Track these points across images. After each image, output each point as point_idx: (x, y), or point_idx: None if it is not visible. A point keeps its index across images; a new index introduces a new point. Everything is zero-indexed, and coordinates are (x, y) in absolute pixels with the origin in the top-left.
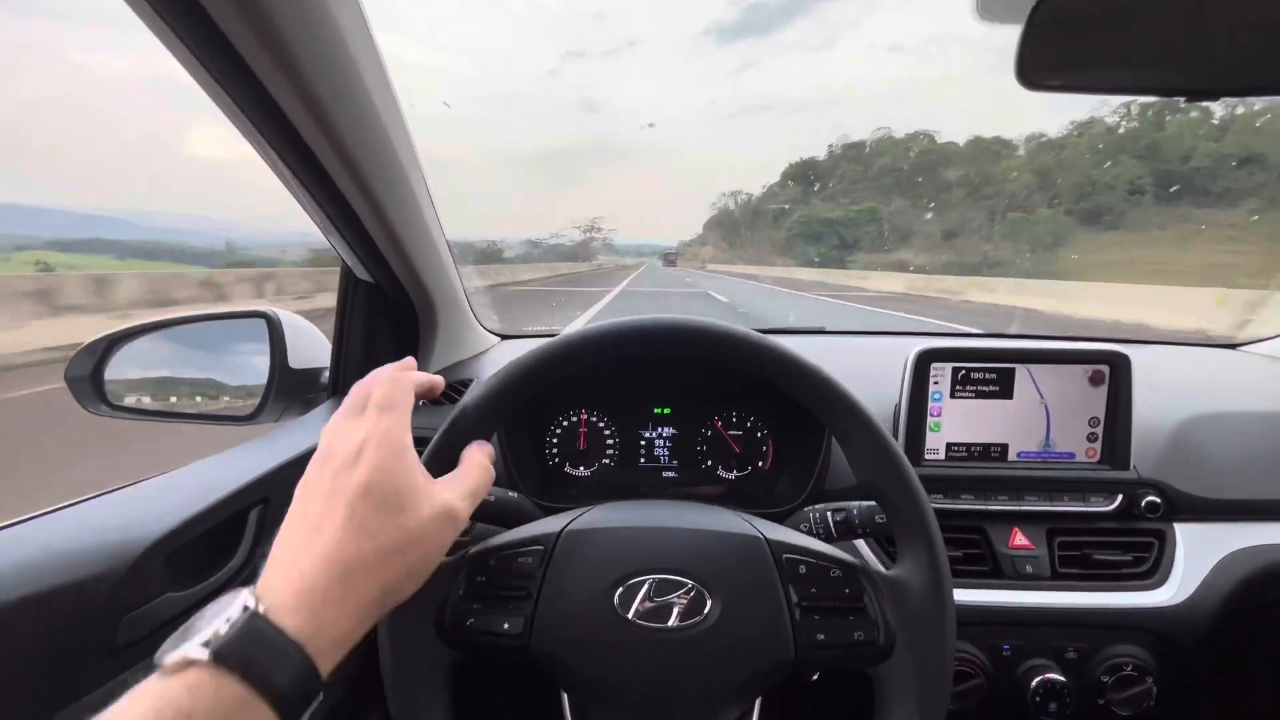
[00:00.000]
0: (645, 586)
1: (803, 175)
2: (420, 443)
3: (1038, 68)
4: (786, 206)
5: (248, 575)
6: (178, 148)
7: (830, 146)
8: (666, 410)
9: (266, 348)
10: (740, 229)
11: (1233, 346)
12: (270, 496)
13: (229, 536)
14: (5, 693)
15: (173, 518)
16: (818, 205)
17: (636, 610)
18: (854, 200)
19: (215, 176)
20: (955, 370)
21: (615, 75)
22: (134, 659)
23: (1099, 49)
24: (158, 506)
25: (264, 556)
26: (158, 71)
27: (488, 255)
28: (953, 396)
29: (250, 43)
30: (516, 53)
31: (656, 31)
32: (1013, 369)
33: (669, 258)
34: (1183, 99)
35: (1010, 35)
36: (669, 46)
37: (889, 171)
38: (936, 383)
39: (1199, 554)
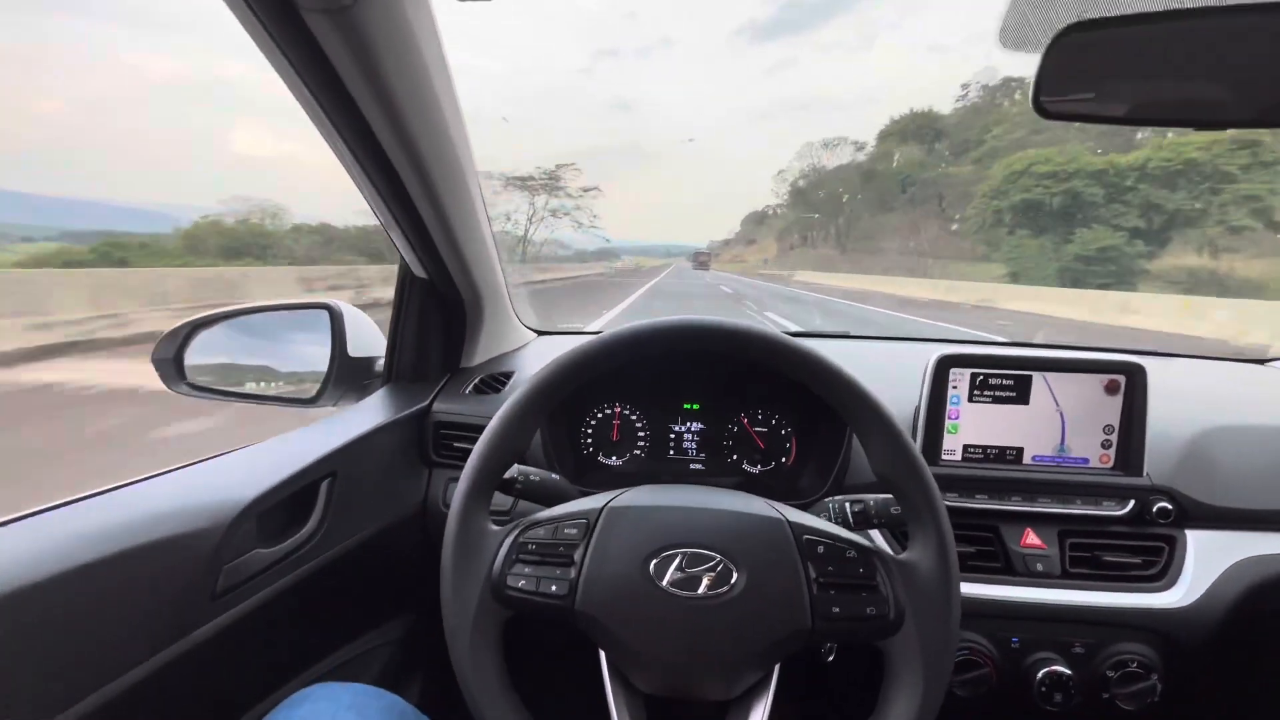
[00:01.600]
0: (677, 559)
1: (922, 131)
2: (471, 429)
3: (1053, 97)
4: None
5: (321, 537)
6: (221, 146)
7: (964, 88)
8: (696, 406)
9: (320, 337)
10: (842, 206)
11: (1262, 362)
12: (337, 470)
13: (303, 504)
14: (129, 628)
15: (260, 484)
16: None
17: (669, 579)
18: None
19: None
20: (974, 375)
21: (647, 74)
22: (231, 604)
23: (1114, 81)
24: (245, 475)
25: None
26: (206, 74)
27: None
28: (970, 401)
29: (347, 62)
30: (547, 51)
31: (690, 30)
32: (1030, 376)
33: (700, 258)
34: (1193, 129)
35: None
36: (703, 45)
37: None
38: (955, 387)
39: (1209, 559)
